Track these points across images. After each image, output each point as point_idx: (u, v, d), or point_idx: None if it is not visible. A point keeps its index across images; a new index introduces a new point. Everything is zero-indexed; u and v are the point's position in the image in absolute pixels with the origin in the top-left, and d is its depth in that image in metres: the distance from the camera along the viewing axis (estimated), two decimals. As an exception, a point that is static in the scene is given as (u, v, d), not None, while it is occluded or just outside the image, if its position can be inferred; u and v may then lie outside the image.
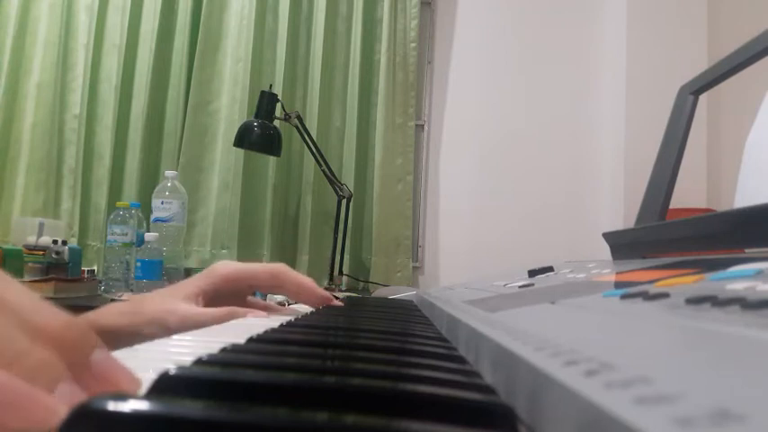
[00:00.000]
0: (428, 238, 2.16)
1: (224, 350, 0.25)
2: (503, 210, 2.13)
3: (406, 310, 0.67)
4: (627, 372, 0.13)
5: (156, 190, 1.73)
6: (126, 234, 1.62)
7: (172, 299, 0.58)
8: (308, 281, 0.64)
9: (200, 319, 0.56)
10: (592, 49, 2.15)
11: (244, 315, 0.57)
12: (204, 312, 0.57)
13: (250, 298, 0.67)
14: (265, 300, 0.92)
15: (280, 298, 1.14)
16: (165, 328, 0.55)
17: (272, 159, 2.00)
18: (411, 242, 2.10)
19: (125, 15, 2.05)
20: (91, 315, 0.57)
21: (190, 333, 0.37)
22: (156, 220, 1.69)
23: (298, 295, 0.65)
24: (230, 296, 0.62)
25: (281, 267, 0.64)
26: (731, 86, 0.79)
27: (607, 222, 1.96)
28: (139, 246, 1.60)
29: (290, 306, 0.72)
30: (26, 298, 0.20)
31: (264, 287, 0.65)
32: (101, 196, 2.00)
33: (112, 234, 1.63)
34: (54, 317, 0.20)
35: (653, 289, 0.28)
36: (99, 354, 0.21)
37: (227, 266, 0.62)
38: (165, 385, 0.18)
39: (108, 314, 0.56)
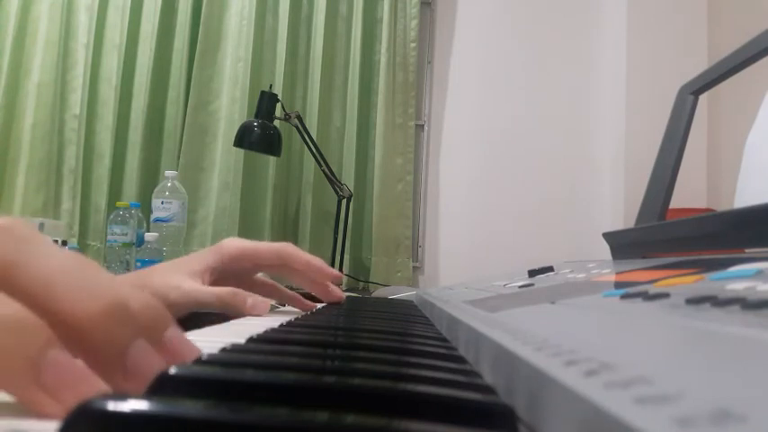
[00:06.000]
0: (428, 238, 2.16)
1: (224, 350, 0.25)
2: (503, 210, 2.13)
3: (406, 310, 0.67)
4: (627, 372, 0.13)
5: (156, 190, 1.73)
6: (126, 234, 1.62)
7: (178, 273, 0.58)
8: (316, 260, 0.63)
9: (201, 297, 0.56)
10: (592, 49, 2.15)
11: (244, 298, 0.56)
12: (206, 290, 0.57)
13: (256, 277, 0.66)
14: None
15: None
16: (166, 302, 0.55)
17: (272, 159, 2.00)
18: (411, 242, 2.10)
19: (125, 15, 2.05)
20: None
21: (190, 333, 0.37)
22: (156, 220, 1.69)
23: (306, 274, 0.63)
24: (236, 274, 0.62)
25: (287, 247, 0.62)
26: (731, 86, 0.79)
27: (607, 222, 1.96)
28: (139, 246, 1.60)
29: (292, 291, 0.71)
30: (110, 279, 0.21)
31: (270, 267, 0.64)
32: (101, 196, 2.00)
33: (112, 234, 1.63)
34: (134, 297, 0.21)
35: (653, 289, 0.28)
36: (171, 331, 0.22)
37: (234, 244, 0.61)
38: (165, 385, 0.18)
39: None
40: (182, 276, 0.57)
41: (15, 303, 0.18)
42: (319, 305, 0.68)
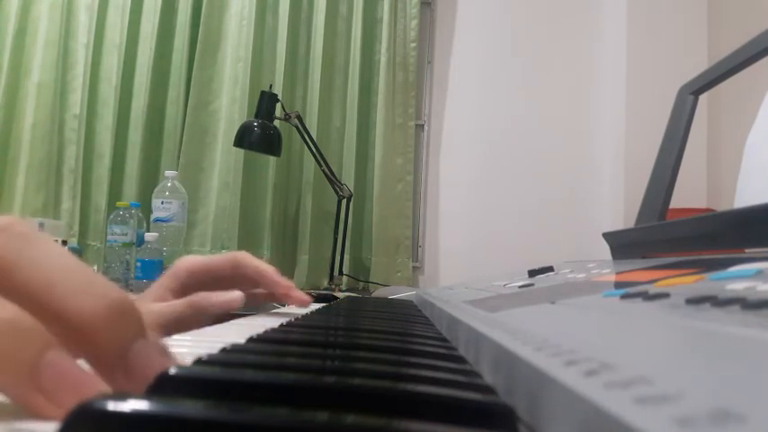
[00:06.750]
0: (428, 238, 2.16)
1: (224, 350, 0.25)
2: (503, 210, 2.13)
3: (406, 310, 0.67)
4: (627, 372, 0.13)
5: (156, 190, 1.73)
6: (126, 234, 1.62)
7: (144, 304, 0.57)
8: (268, 268, 0.62)
9: (173, 311, 0.56)
10: (592, 49, 2.15)
11: (206, 304, 0.57)
12: (176, 303, 0.57)
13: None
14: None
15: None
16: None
17: (272, 159, 2.00)
18: (411, 242, 2.10)
19: (125, 15, 2.05)
20: None
21: (190, 333, 0.37)
22: (156, 220, 1.69)
23: (259, 281, 0.62)
24: (197, 289, 0.61)
25: (240, 255, 0.62)
26: (731, 86, 0.79)
27: (607, 222, 1.96)
28: (139, 246, 1.60)
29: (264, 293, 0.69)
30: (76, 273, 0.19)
31: (227, 277, 0.63)
32: (101, 196, 2.00)
33: (112, 234, 1.63)
34: (95, 298, 0.19)
35: (653, 289, 0.27)
36: (139, 345, 0.19)
37: (189, 261, 0.61)
38: (165, 385, 0.18)
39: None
40: (147, 304, 0.57)
41: (12, 306, 0.17)
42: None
